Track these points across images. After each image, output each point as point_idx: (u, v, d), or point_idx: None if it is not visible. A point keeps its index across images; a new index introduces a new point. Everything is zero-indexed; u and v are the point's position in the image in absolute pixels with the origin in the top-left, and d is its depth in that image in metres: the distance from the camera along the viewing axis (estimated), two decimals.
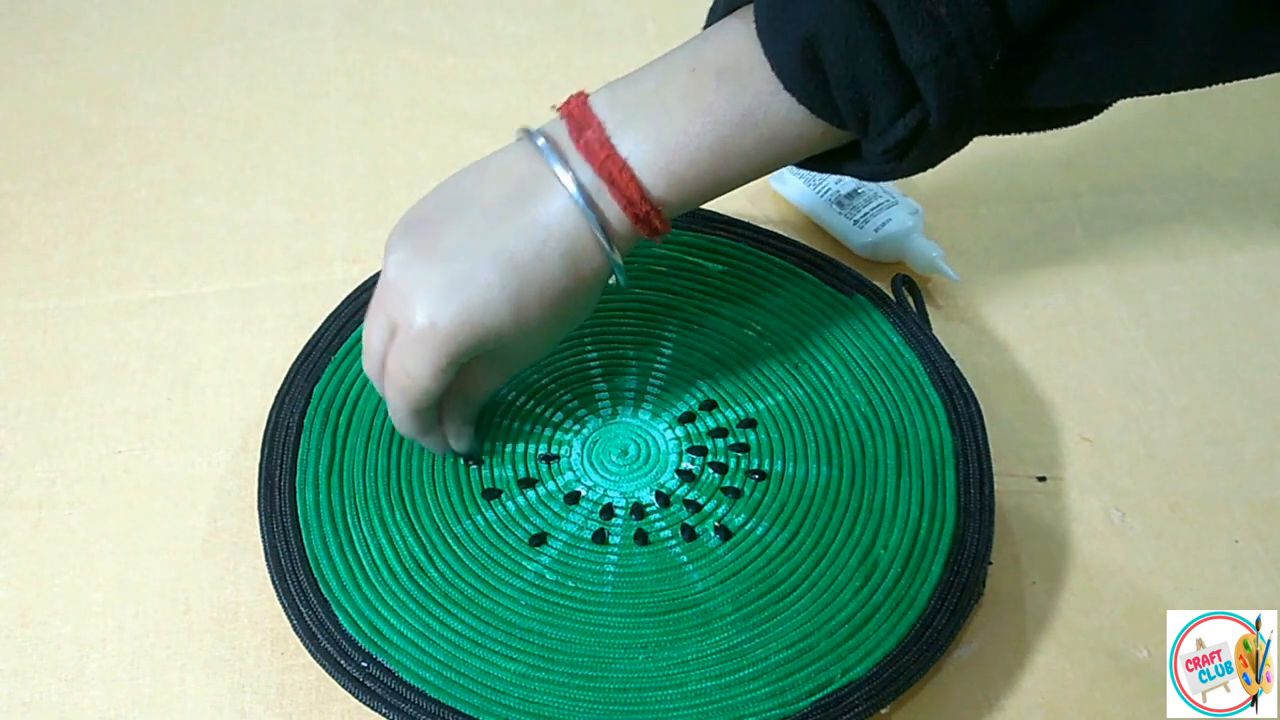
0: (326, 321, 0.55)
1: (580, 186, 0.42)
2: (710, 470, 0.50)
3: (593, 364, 0.54)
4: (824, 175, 0.61)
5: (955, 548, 0.47)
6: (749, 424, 0.52)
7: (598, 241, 0.43)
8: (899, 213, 0.60)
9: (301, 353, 0.54)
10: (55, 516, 0.52)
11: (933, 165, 0.43)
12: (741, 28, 0.41)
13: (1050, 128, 0.43)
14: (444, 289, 0.42)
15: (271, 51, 0.76)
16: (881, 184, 0.61)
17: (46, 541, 0.51)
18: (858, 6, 0.37)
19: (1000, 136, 0.44)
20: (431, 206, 0.45)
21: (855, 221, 0.60)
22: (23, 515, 0.52)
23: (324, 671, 0.44)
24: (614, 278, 0.45)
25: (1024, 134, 0.43)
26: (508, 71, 0.74)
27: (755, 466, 0.50)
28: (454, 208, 0.44)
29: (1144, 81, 0.40)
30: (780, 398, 0.53)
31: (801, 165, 0.45)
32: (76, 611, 0.49)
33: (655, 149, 0.42)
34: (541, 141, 0.43)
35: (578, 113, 0.43)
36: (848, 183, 0.62)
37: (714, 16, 0.44)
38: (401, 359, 0.44)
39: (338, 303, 0.56)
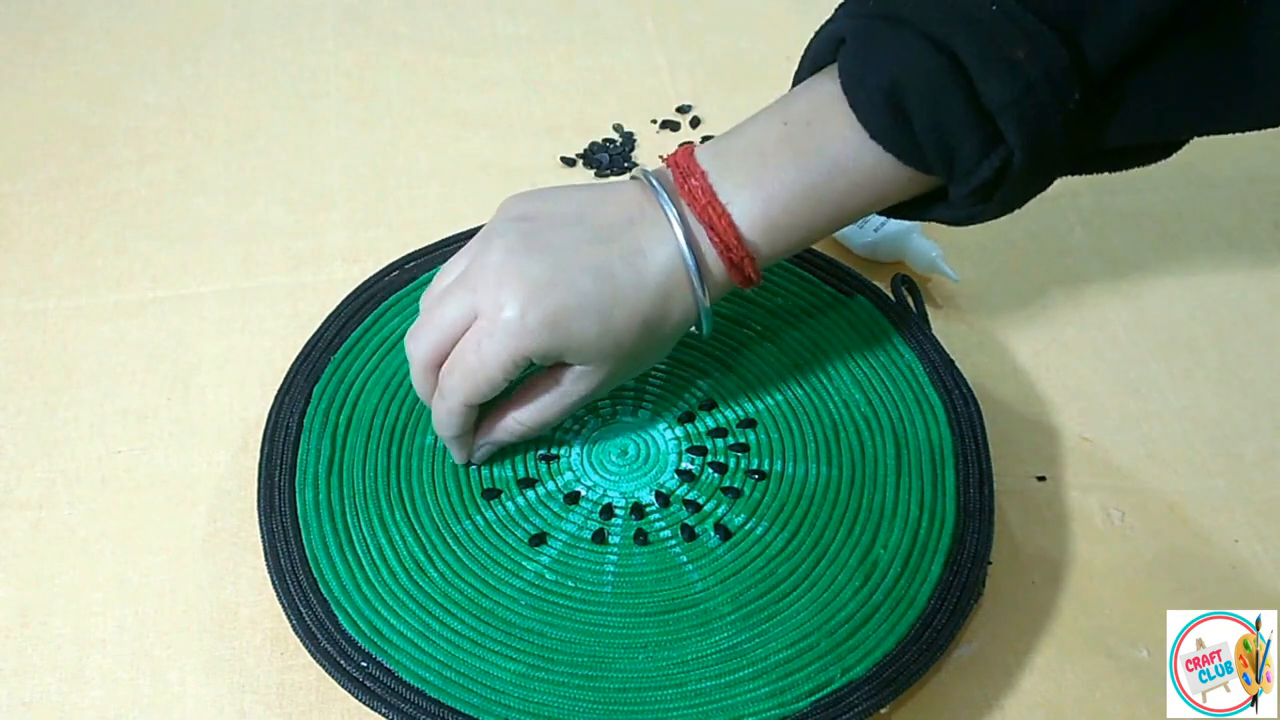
0: (327, 321, 0.55)
1: (684, 227, 0.44)
2: (710, 470, 0.50)
3: None
4: None
5: (955, 548, 0.47)
6: (749, 424, 0.52)
7: (690, 282, 0.44)
8: None
9: (301, 353, 0.54)
10: (55, 516, 0.52)
11: (1019, 205, 0.44)
12: (827, 82, 0.43)
13: (1127, 167, 0.44)
14: (542, 286, 0.43)
15: (271, 51, 0.76)
16: None
17: (46, 541, 0.51)
18: (937, 53, 0.39)
19: None
20: (544, 206, 0.45)
21: (855, 222, 0.60)
22: (23, 515, 0.52)
23: (324, 671, 0.44)
24: (694, 327, 0.46)
25: (1104, 173, 0.44)
26: (508, 71, 0.74)
27: (755, 466, 0.50)
28: (566, 216, 0.45)
29: (1227, 121, 0.41)
30: (780, 397, 0.53)
31: (887, 213, 0.46)
32: (76, 611, 0.49)
33: (751, 196, 0.43)
34: (654, 181, 0.45)
35: (683, 162, 0.44)
36: None
37: (800, 75, 0.45)
38: (479, 342, 0.44)
39: (337, 303, 0.56)
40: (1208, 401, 0.57)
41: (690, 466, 0.51)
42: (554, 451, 0.51)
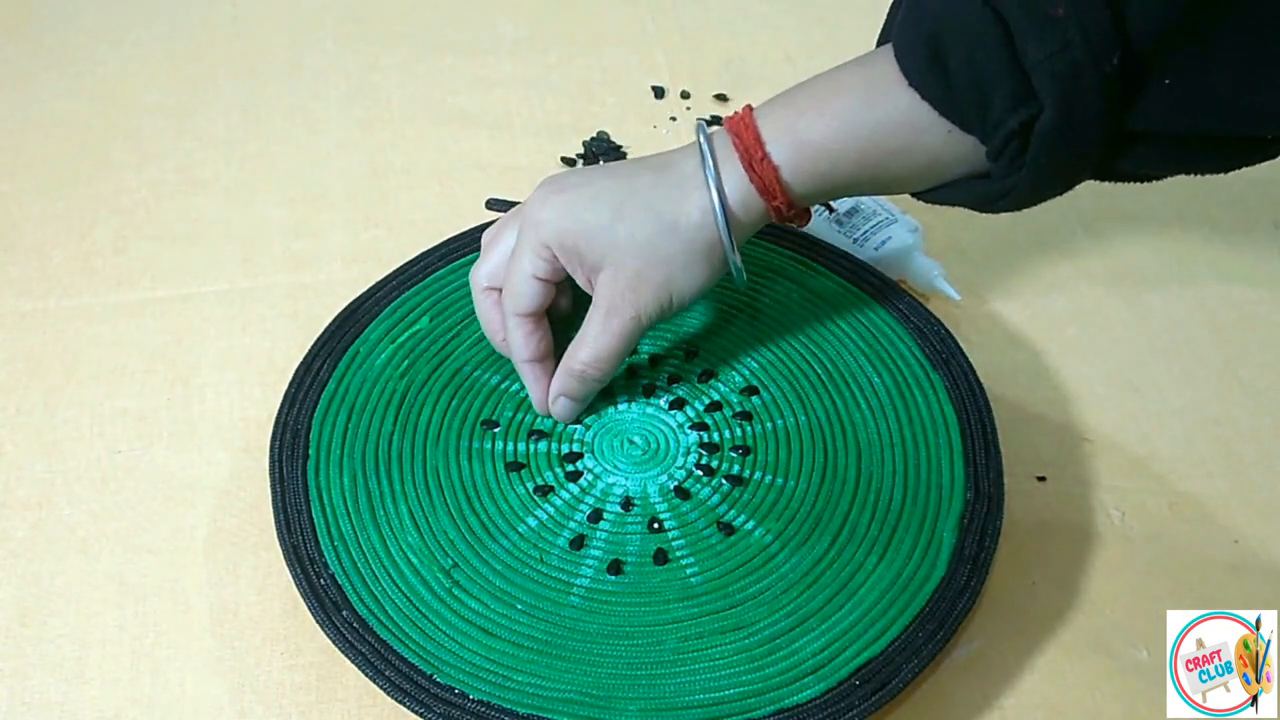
0: (336, 319, 0.55)
1: (709, 141, 0.46)
2: (716, 475, 0.51)
3: None
4: None
5: (957, 547, 0.47)
6: (751, 390, 0.53)
7: (706, 179, 0.46)
8: (899, 230, 0.60)
9: (310, 350, 0.54)
10: (55, 516, 0.52)
11: (1052, 186, 0.43)
12: (881, 49, 0.45)
13: (1210, 168, 0.42)
14: (567, 189, 0.47)
15: (271, 52, 0.76)
16: (880, 200, 0.61)
17: (46, 541, 0.51)
18: (981, 7, 0.40)
19: None
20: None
21: (855, 239, 0.60)
22: (23, 515, 0.52)
23: (324, 672, 0.44)
24: (730, 264, 0.47)
25: (1171, 175, 0.43)
26: (508, 71, 0.74)
27: (757, 464, 0.50)
28: (614, 165, 0.50)
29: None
30: (791, 402, 0.53)
31: (927, 196, 0.47)
32: (76, 611, 0.49)
33: (783, 111, 0.46)
34: (697, 121, 0.49)
35: (741, 111, 0.47)
36: (846, 200, 0.61)
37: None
38: (515, 242, 0.48)
39: (336, 303, 0.56)
40: (1208, 401, 0.57)
41: (695, 468, 0.51)
42: (573, 450, 0.52)
